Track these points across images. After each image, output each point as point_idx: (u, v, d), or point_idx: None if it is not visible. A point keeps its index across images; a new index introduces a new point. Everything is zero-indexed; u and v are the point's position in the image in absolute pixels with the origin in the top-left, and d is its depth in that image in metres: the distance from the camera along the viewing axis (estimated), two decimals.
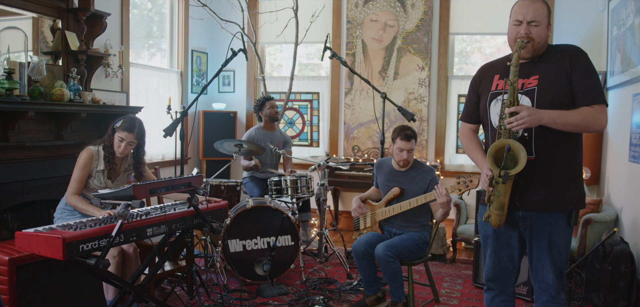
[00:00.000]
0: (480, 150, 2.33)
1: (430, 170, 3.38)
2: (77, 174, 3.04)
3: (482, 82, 2.32)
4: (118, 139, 3.09)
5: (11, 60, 3.51)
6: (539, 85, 2.12)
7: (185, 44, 5.99)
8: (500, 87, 2.21)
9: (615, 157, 4.32)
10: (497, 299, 2.34)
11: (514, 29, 2.14)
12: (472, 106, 2.36)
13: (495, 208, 2.12)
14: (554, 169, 2.12)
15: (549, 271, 2.17)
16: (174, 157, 5.53)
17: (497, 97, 2.21)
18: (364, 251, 3.30)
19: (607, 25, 4.72)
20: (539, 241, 2.18)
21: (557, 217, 2.14)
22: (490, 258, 2.32)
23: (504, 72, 2.21)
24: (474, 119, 2.38)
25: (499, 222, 2.14)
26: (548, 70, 2.13)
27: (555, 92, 2.09)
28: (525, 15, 2.10)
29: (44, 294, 2.88)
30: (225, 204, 3.21)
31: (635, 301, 3.37)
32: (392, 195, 3.41)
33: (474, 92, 2.36)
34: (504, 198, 2.10)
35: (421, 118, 5.78)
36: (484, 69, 2.35)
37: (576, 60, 2.11)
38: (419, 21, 5.75)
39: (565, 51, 2.14)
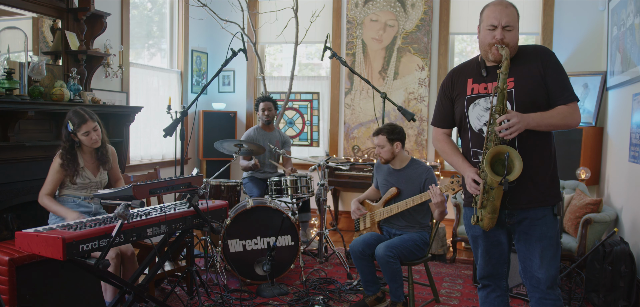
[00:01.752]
0: (459, 153, 2.37)
1: (426, 168, 3.38)
2: (50, 177, 3.05)
3: (454, 87, 2.35)
4: (83, 136, 3.04)
5: (11, 60, 3.51)
6: (515, 87, 2.18)
7: (185, 44, 5.99)
8: (475, 91, 2.26)
9: (615, 157, 4.31)
10: (492, 295, 2.39)
11: (488, 33, 2.17)
12: (446, 111, 2.40)
13: (488, 212, 2.16)
14: (538, 168, 2.19)
15: (538, 265, 2.21)
16: (174, 157, 5.53)
17: (474, 102, 2.25)
18: (361, 251, 3.30)
19: (607, 25, 4.72)
20: (528, 236, 2.23)
21: (545, 211, 2.21)
22: (482, 257, 2.36)
23: (478, 77, 2.26)
24: (447, 124, 2.42)
25: (491, 224, 2.19)
26: (522, 72, 2.19)
27: (532, 93, 2.17)
28: (500, 20, 2.13)
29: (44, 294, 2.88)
30: (225, 204, 3.21)
31: (635, 301, 3.37)
32: (389, 195, 3.41)
33: (446, 98, 2.39)
34: (497, 202, 2.15)
35: (421, 118, 5.78)
36: (455, 74, 2.38)
37: (548, 61, 2.18)
38: (419, 21, 5.75)
39: (535, 52, 2.22)
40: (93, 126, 3.08)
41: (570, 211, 4.13)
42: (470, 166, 2.27)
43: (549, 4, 5.30)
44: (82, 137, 3.05)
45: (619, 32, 4.26)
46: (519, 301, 3.59)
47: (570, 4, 5.22)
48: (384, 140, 3.38)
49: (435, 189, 3.14)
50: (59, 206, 3.01)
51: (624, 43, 4.07)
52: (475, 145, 2.27)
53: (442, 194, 3.14)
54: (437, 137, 2.46)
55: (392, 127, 3.42)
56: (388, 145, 3.38)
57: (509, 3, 2.18)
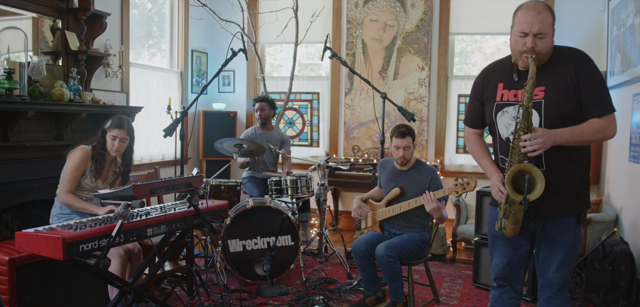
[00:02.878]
0: (488, 157, 2.30)
1: (431, 170, 3.37)
2: (70, 174, 3.03)
3: (485, 89, 2.26)
4: (110, 138, 3.08)
5: (11, 60, 3.51)
6: (545, 98, 2.07)
7: (185, 44, 5.98)
8: (505, 97, 2.17)
9: (615, 157, 4.32)
10: (505, 295, 2.34)
11: (518, 39, 2.05)
12: (476, 112, 2.32)
13: (511, 223, 2.12)
14: (565, 178, 2.12)
15: (554, 270, 2.18)
16: (174, 157, 5.53)
17: (504, 109, 2.17)
18: (363, 250, 3.30)
19: (607, 25, 4.72)
20: (550, 242, 2.19)
21: (569, 220, 2.16)
22: (500, 258, 2.31)
23: (508, 82, 2.17)
24: (478, 124, 2.34)
25: (514, 233, 2.16)
26: (554, 81, 2.07)
27: (563, 105, 2.05)
28: (531, 27, 2.00)
29: (44, 294, 2.88)
30: (225, 204, 3.21)
31: (635, 301, 3.37)
32: (392, 195, 3.41)
33: (477, 99, 2.30)
34: (519, 215, 2.10)
35: (421, 118, 5.78)
36: (486, 75, 2.28)
37: (582, 69, 2.05)
38: (419, 21, 5.75)
39: (569, 58, 2.08)
40: (123, 136, 3.10)
41: None
42: (497, 171, 2.21)
43: (548, 4, 5.29)
44: (109, 137, 3.09)
45: (619, 32, 4.26)
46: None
47: (570, 4, 5.22)
48: (410, 141, 3.36)
49: (428, 196, 3.14)
50: (85, 203, 3.00)
51: (624, 43, 4.07)
52: (503, 152, 2.21)
53: (435, 201, 3.13)
54: (468, 136, 2.40)
55: (410, 127, 3.39)
56: (412, 147, 3.38)
57: (544, 6, 2.03)
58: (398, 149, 3.36)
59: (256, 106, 4.83)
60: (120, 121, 3.11)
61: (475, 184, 3.08)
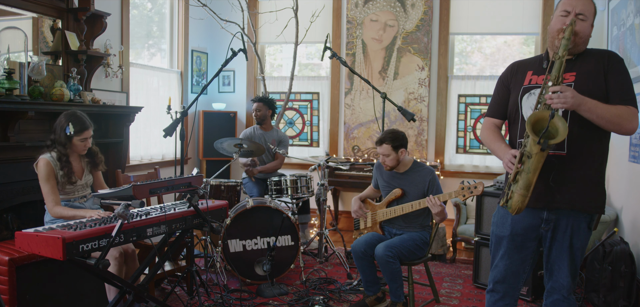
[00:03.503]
0: (502, 140, 2.29)
1: (430, 171, 3.36)
2: (46, 187, 2.96)
3: (513, 77, 2.29)
4: (80, 141, 3.02)
5: (11, 60, 3.51)
6: (575, 81, 2.11)
7: (185, 44, 5.98)
8: (533, 82, 2.20)
9: (615, 157, 4.32)
10: (500, 303, 2.30)
11: (559, 19, 2.11)
12: (501, 101, 2.33)
13: (520, 187, 2.02)
14: (584, 167, 2.11)
15: (565, 274, 2.17)
16: (174, 157, 5.53)
17: (530, 92, 2.19)
18: (363, 251, 3.30)
19: (607, 25, 4.72)
20: (560, 243, 2.17)
21: (580, 220, 2.14)
22: (502, 260, 2.28)
23: (538, 69, 2.20)
24: (499, 115, 2.35)
25: (521, 205, 2.04)
26: (586, 68, 2.12)
27: (591, 89, 2.07)
28: (575, 8, 2.08)
29: (44, 294, 2.88)
30: (225, 204, 3.21)
31: (635, 301, 3.37)
32: (393, 196, 3.41)
33: (504, 87, 2.32)
34: (532, 176, 1.99)
35: (421, 118, 5.78)
36: (516, 65, 2.33)
37: (614, 62, 2.11)
38: (419, 21, 5.75)
39: (603, 54, 2.15)
40: (90, 134, 3.07)
41: None
42: (510, 148, 2.19)
43: (549, 4, 5.29)
44: (78, 142, 3.03)
45: (619, 32, 4.26)
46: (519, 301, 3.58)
47: None
48: (389, 149, 3.30)
49: (433, 200, 3.13)
50: (75, 210, 2.95)
51: (624, 43, 4.07)
52: (523, 135, 2.16)
53: (440, 204, 3.12)
54: (486, 125, 2.38)
55: (394, 133, 3.33)
56: (393, 153, 3.32)
57: None
58: (381, 157, 3.37)
59: (253, 106, 4.84)
60: (83, 123, 3.03)
61: (483, 188, 3.03)
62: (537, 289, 3.62)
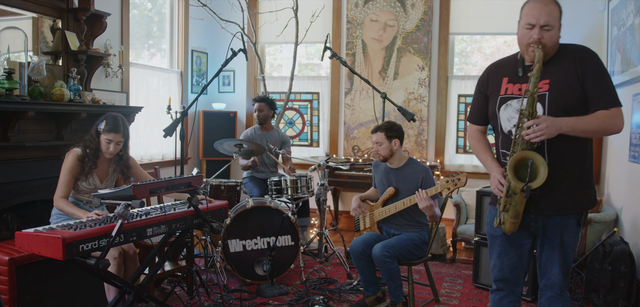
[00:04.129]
0: (489, 152, 2.30)
1: (423, 168, 3.37)
2: (63, 177, 2.99)
3: (489, 83, 2.27)
4: (105, 141, 3.03)
5: (11, 60, 3.51)
6: (550, 90, 2.07)
7: (185, 44, 5.99)
8: (509, 91, 2.17)
9: (615, 157, 4.32)
10: (505, 300, 2.32)
11: (525, 32, 2.06)
12: (480, 107, 2.32)
13: (511, 216, 2.09)
14: (567, 173, 2.10)
15: (557, 271, 2.18)
16: (174, 157, 5.53)
17: (507, 103, 2.17)
18: (361, 251, 3.30)
19: (607, 25, 4.72)
20: (551, 241, 2.18)
21: (569, 219, 2.15)
22: (499, 258, 2.29)
23: (513, 76, 2.17)
24: (481, 121, 2.35)
25: (513, 229, 2.12)
26: (558, 74, 2.08)
27: (567, 97, 2.05)
28: (538, 19, 2.02)
29: (44, 294, 2.88)
30: (225, 204, 3.21)
31: (635, 301, 3.37)
32: (387, 195, 3.41)
33: (481, 94, 2.31)
34: (520, 207, 2.07)
35: (421, 118, 5.78)
36: (491, 70, 2.29)
37: (588, 63, 2.06)
38: (419, 21, 5.75)
39: (575, 53, 2.09)
40: (118, 140, 3.05)
41: None
42: (498, 166, 2.20)
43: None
44: (104, 140, 3.03)
45: (619, 32, 4.26)
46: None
47: (570, 4, 5.22)
48: (382, 137, 3.37)
49: (421, 193, 3.14)
50: (75, 208, 2.95)
51: (624, 43, 4.07)
52: (504, 146, 2.20)
53: (428, 198, 3.13)
54: (471, 133, 2.40)
55: (390, 124, 3.40)
56: (386, 142, 3.36)
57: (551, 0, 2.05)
58: (374, 145, 3.42)
59: (255, 106, 4.84)
60: (115, 124, 3.04)
61: (466, 179, 3.12)
62: (536, 289, 3.62)
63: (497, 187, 2.14)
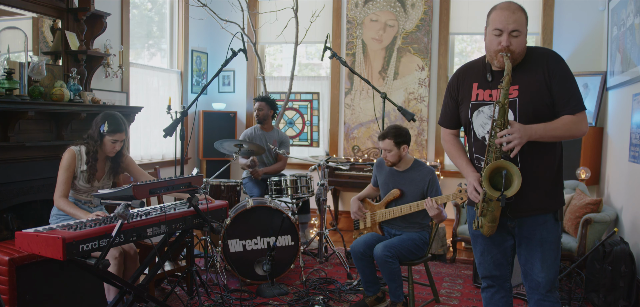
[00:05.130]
0: (464, 156, 2.33)
1: (429, 171, 3.36)
2: (61, 176, 2.99)
3: (460, 89, 2.30)
4: (110, 142, 3.04)
5: (11, 60, 3.51)
6: (519, 96, 2.12)
7: (185, 44, 5.99)
8: (480, 97, 2.21)
9: (615, 157, 4.32)
10: (496, 296, 2.35)
11: (494, 38, 2.10)
12: (451, 112, 2.36)
13: (488, 221, 2.14)
14: (539, 174, 2.15)
15: (538, 269, 2.18)
16: (174, 157, 5.53)
17: (479, 109, 2.21)
18: (362, 251, 3.30)
19: (607, 25, 4.72)
20: (529, 240, 2.20)
21: (546, 217, 2.18)
22: (483, 256, 2.33)
23: (483, 82, 2.21)
24: (453, 124, 2.38)
25: (492, 232, 2.17)
26: (527, 80, 2.12)
27: (536, 103, 2.10)
28: (507, 26, 2.05)
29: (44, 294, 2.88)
30: (225, 204, 3.21)
31: (635, 301, 3.37)
32: (391, 197, 3.40)
33: (451, 99, 2.34)
34: (497, 212, 2.12)
35: (421, 118, 5.78)
36: (460, 75, 2.32)
37: (554, 68, 2.10)
38: (419, 21, 5.75)
39: (542, 58, 2.13)
40: (123, 138, 3.07)
41: (570, 211, 4.13)
42: (473, 171, 2.24)
43: (549, 4, 5.29)
44: (109, 142, 3.04)
45: (619, 32, 4.26)
46: (519, 301, 3.59)
47: (570, 4, 5.22)
48: (391, 144, 3.32)
49: (430, 203, 3.14)
50: (76, 209, 2.95)
51: (624, 43, 4.07)
52: (478, 151, 2.24)
53: (438, 207, 3.13)
54: (444, 137, 2.43)
55: (398, 130, 3.34)
56: (395, 149, 3.33)
57: (518, 7, 2.10)
58: (382, 152, 3.40)
59: (255, 105, 4.84)
60: (118, 124, 3.06)
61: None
62: None
63: (473, 194, 2.18)
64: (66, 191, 3.00)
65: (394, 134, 3.32)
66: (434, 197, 3.17)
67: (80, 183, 3.07)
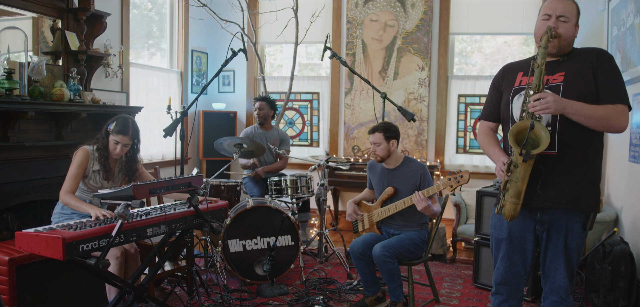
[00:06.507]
0: (497, 144, 2.31)
1: (420, 166, 3.37)
2: (72, 172, 2.98)
3: (505, 79, 2.31)
4: (113, 142, 3.03)
5: (11, 60, 3.51)
6: (564, 81, 2.10)
7: (185, 44, 5.99)
8: (523, 83, 2.19)
9: (615, 157, 4.32)
10: (504, 304, 2.31)
11: (542, 23, 2.13)
12: (493, 104, 2.35)
13: (511, 195, 2.06)
14: (576, 166, 2.10)
15: (562, 273, 2.16)
16: (174, 157, 5.53)
17: (520, 93, 2.18)
18: (361, 251, 3.30)
19: (607, 25, 4.72)
20: (555, 244, 2.17)
21: (575, 219, 2.13)
22: (503, 262, 2.29)
23: (528, 70, 2.19)
24: (493, 117, 2.36)
25: (513, 213, 2.09)
26: (574, 68, 2.12)
27: (580, 90, 2.07)
28: (555, 10, 2.10)
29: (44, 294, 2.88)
30: (225, 204, 3.21)
31: (635, 301, 3.37)
32: (386, 195, 3.41)
33: (495, 90, 2.34)
34: (521, 185, 2.03)
35: (421, 118, 5.78)
36: (507, 68, 2.34)
37: (603, 60, 2.10)
38: (419, 21, 5.75)
39: (591, 52, 2.14)
40: (126, 141, 3.05)
41: None
42: (504, 154, 2.21)
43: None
44: (112, 141, 3.03)
45: (619, 32, 4.26)
46: None
47: None
48: (381, 138, 3.38)
49: (418, 195, 3.15)
50: (81, 203, 2.93)
51: (624, 43, 4.07)
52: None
53: (425, 200, 3.13)
54: (481, 129, 2.41)
55: (388, 125, 3.43)
56: (384, 143, 3.38)
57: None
58: (371, 146, 3.44)
59: (256, 105, 4.85)
60: (124, 126, 3.04)
61: (469, 176, 3.11)
62: (537, 289, 3.62)
63: (501, 168, 2.13)
64: (74, 187, 2.98)
65: (384, 128, 3.40)
66: (423, 190, 3.17)
67: (90, 182, 3.06)
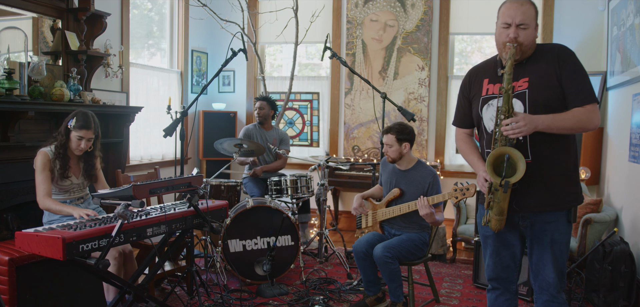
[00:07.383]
0: (476, 153, 2.33)
1: (431, 172, 3.35)
2: (39, 177, 2.92)
3: (472, 87, 2.32)
4: (76, 138, 2.97)
5: (11, 60, 3.51)
6: (529, 88, 2.12)
7: (185, 44, 5.99)
8: (490, 91, 2.21)
9: (615, 157, 4.31)
10: (500, 298, 2.35)
11: (502, 31, 2.12)
12: (464, 112, 2.37)
13: (495, 213, 2.13)
14: (551, 169, 2.13)
15: (550, 270, 2.17)
16: (174, 157, 5.53)
17: (489, 102, 2.21)
18: (364, 251, 3.30)
19: (607, 25, 4.72)
20: (540, 240, 2.18)
21: (557, 216, 2.16)
22: (491, 258, 2.32)
23: (493, 77, 2.22)
24: (467, 124, 2.39)
25: (499, 226, 2.15)
26: (537, 72, 2.12)
27: (546, 94, 2.09)
28: (514, 18, 2.08)
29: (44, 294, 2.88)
30: (225, 204, 3.21)
31: (635, 301, 3.37)
32: (392, 196, 3.41)
33: (464, 98, 2.36)
34: (503, 204, 2.10)
35: (421, 118, 5.78)
36: (472, 74, 2.35)
37: (565, 60, 2.11)
38: (419, 21, 5.75)
39: (553, 51, 2.14)
40: (89, 136, 3.00)
41: None
42: (484, 164, 2.22)
43: (549, 4, 5.29)
44: (74, 138, 2.98)
45: (619, 32, 4.26)
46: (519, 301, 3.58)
47: (570, 4, 5.22)
48: (393, 140, 3.34)
49: (422, 201, 3.14)
50: (62, 205, 2.92)
51: (624, 43, 4.07)
52: (488, 146, 2.23)
53: (429, 207, 3.13)
54: (457, 136, 2.44)
55: (402, 126, 3.36)
56: (396, 144, 3.34)
57: (526, 0, 2.11)
58: (384, 147, 3.41)
59: (256, 104, 4.85)
60: (86, 121, 2.97)
61: (475, 189, 3.07)
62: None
63: (483, 184, 2.18)
64: (48, 189, 2.93)
65: (397, 130, 3.35)
66: (429, 197, 3.17)
67: (61, 183, 3.02)
